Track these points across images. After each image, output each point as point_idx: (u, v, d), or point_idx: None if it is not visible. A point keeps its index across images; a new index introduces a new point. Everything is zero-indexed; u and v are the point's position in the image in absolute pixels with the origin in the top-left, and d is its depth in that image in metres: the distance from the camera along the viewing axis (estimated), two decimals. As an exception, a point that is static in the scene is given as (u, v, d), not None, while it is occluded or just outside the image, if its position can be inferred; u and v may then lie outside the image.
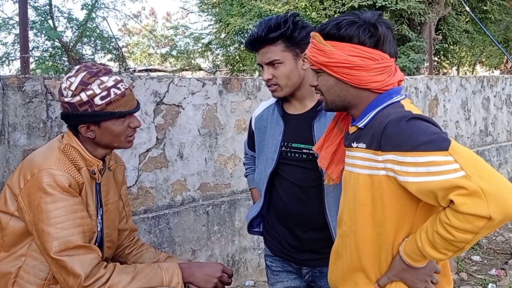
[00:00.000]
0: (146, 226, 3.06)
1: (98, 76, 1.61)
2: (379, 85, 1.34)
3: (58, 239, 1.49)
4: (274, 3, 8.40)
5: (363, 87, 1.34)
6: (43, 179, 1.52)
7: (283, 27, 1.67)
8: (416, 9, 7.46)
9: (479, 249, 4.56)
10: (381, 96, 1.36)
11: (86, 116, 1.60)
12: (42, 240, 1.50)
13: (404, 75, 5.98)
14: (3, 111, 2.54)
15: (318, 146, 1.54)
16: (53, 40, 6.22)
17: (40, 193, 1.51)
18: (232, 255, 3.52)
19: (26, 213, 1.54)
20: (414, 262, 1.30)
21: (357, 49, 1.31)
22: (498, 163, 6.08)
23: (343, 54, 1.31)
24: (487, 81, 6.06)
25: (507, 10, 9.84)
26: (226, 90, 3.52)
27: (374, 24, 1.33)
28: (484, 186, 1.13)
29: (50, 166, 1.55)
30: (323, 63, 1.35)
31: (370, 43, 1.32)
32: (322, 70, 1.37)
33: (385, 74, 1.34)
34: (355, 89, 1.36)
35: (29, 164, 1.58)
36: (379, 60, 1.32)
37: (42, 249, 1.51)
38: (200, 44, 11.15)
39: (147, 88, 3.11)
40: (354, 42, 1.32)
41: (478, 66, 16.50)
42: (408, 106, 1.33)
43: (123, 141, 1.68)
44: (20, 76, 2.63)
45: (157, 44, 16.54)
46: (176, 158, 3.27)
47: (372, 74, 1.32)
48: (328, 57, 1.33)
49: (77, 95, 1.59)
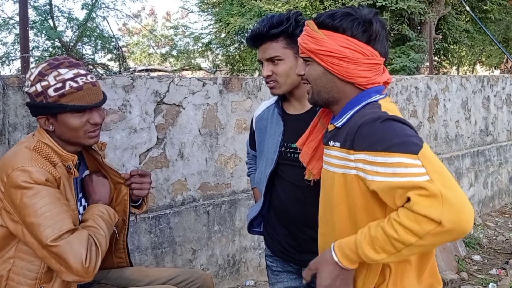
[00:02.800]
0: (146, 226, 3.06)
1: (56, 68, 1.59)
2: (365, 81, 1.34)
3: (50, 226, 1.46)
4: (274, 2, 8.39)
5: (349, 80, 1.34)
6: (18, 177, 1.49)
7: (285, 24, 1.67)
8: (416, 8, 7.45)
9: (480, 249, 4.56)
10: (360, 95, 1.35)
11: (41, 107, 1.58)
12: (34, 233, 1.48)
13: (404, 74, 5.94)
14: (4, 111, 2.54)
15: (301, 142, 1.54)
16: (53, 40, 6.21)
17: (20, 190, 1.49)
18: (233, 255, 3.52)
19: (13, 215, 1.51)
20: (341, 259, 1.24)
21: (349, 41, 1.31)
22: (498, 163, 6.08)
23: (334, 43, 1.31)
24: (487, 81, 6.06)
25: (507, 9, 9.83)
26: (226, 90, 3.52)
27: (369, 20, 1.33)
28: (445, 192, 1.12)
29: (23, 164, 1.52)
30: (313, 50, 1.34)
31: (362, 37, 1.32)
32: (312, 58, 1.36)
33: (373, 71, 1.34)
34: (341, 82, 1.35)
35: (2, 166, 1.55)
36: (369, 56, 1.32)
37: (37, 243, 1.49)
38: (200, 44, 11.14)
39: (147, 87, 3.11)
40: (347, 34, 1.32)
41: (478, 66, 16.50)
42: (385, 106, 1.32)
43: (83, 137, 1.64)
44: (21, 76, 2.62)
45: (157, 44, 16.53)
46: (177, 158, 3.27)
47: (360, 68, 1.32)
48: (319, 44, 1.33)
49: (33, 85, 1.58)
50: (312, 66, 1.38)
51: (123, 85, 3.01)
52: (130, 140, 3.06)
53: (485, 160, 5.84)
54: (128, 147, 3.04)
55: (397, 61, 7.22)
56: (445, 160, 5.17)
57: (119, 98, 3.00)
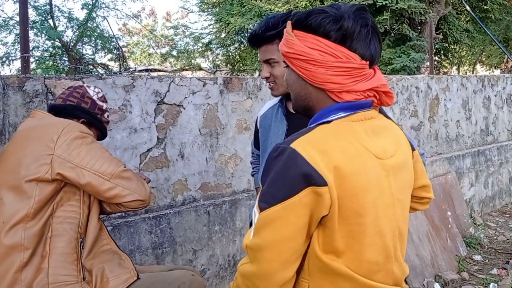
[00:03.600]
0: (147, 226, 3.06)
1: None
2: (337, 88, 1.15)
3: (112, 161, 1.77)
4: (274, 2, 8.39)
5: (319, 86, 1.18)
6: (74, 129, 1.76)
7: (280, 26, 1.67)
8: (417, 8, 7.45)
9: (481, 249, 4.56)
10: (322, 111, 1.20)
11: (95, 119, 1.97)
12: (100, 169, 1.73)
13: (404, 74, 5.94)
14: (4, 111, 2.54)
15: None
16: (54, 40, 6.21)
17: (79, 139, 1.74)
18: (233, 255, 3.51)
19: (70, 162, 1.71)
20: None
21: (318, 41, 1.15)
22: (499, 163, 6.08)
23: (302, 45, 1.16)
24: (488, 81, 6.06)
25: (507, 9, 9.83)
26: (227, 90, 3.52)
27: (341, 16, 1.15)
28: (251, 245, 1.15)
29: (69, 122, 1.79)
30: (284, 53, 1.22)
31: (334, 37, 1.14)
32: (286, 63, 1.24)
33: (349, 77, 1.15)
34: (313, 89, 1.20)
35: (47, 130, 1.76)
36: (342, 59, 1.14)
37: (101, 177, 1.72)
38: (200, 44, 11.14)
39: (148, 87, 3.10)
40: (317, 33, 1.15)
41: (478, 66, 16.50)
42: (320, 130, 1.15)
43: None
44: (21, 76, 2.62)
45: (157, 44, 16.53)
46: (177, 158, 3.27)
47: (331, 73, 1.14)
48: (289, 47, 1.19)
49: (101, 101, 2.01)
50: (289, 70, 1.25)
51: (123, 85, 3.01)
52: (131, 140, 3.06)
53: (485, 160, 5.84)
54: (129, 147, 3.04)
55: (398, 61, 7.22)
56: (445, 160, 5.17)
57: (120, 98, 3.00)
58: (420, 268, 3.80)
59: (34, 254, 1.69)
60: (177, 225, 3.20)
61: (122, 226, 2.95)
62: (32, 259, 1.69)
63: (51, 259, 1.71)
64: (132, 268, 1.82)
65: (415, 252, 3.85)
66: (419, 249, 3.91)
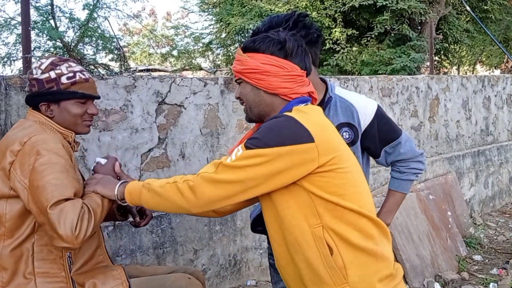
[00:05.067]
0: (148, 226, 3.07)
1: (67, 61, 1.80)
2: (288, 91, 1.50)
3: (51, 192, 1.53)
4: (274, 2, 8.40)
5: (273, 92, 1.51)
6: (37, 143, 1.60)
7: (283, 25, 1.70)
8: (417, 8, 7.45)
9: (480, 249, 4.57)
10: (286, 106, 1.51)
11: (50, 94, 1.74)
12: (37, 197, 1.54)
13: (404, 74, 5.97)
14: (6, 111, 2.55)
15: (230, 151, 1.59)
16: (55, 40, 6.20)
17: (34, 156, 1.58)
18: (234, 255, 3.52)
19: (19, 182, 1.58)
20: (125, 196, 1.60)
21: (268, 58, 1.50)
22: (499, 163, 6.09)
23: (256, 61, 1.50)
24: (488, 81, 6.06)
25: (507, 9, 9.83)
26: (227, 90, 3.53)
27: (284, 39, 1.52)
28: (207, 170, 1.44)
29: (39, 132, 1.65)
30: (239, 70, 1.54)
31: (280, 54, 1.50)
32: (241, 79, 1.55)
33: (294, 82, 1.51)
34: (267, 95, 1.53)
35: (14, 139, 1.65)
36: (288, 69, 1.50)
37: (37, 206, 1.54)
38: (201, 44, 11.14)
39: (149, 88, 3.11)
40: (266, 53, 1.51)
41: (478, 66, 16.50)
42: (295, 109, 1.47)
43: (80, 124, 1.81)
44: (23, 76, 2.63)
45: (157, 44, 16.53)
46: (178, 158, 3.28)
47: (281, 80, 1.49)
48: (244, 64, 1.53)
49: (45, 73, 1.75)
50: (243, 85, 1.57)
51: (124, 85, 3.02)
52: (132, 140, 3.07)
53: (485, 160, 5.85)
54: (130, 147, 3.05)
55: (398, 61, 7.22)
56: (445, 160, 5.18)
57: (121, 98, 3.01)
58: (420, 268, 3.81)
59: (15, 274, 1.62)
60: (178, 225, 3.21)
61: (124, 226, 2.96)
62: (14, 280, 1.62)
63: (38, 280, 1.63)
64: (124, 279, 1.74)
65: (415, 252, 3.86)
66: (419, 249, 3.92)
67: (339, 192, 1.41)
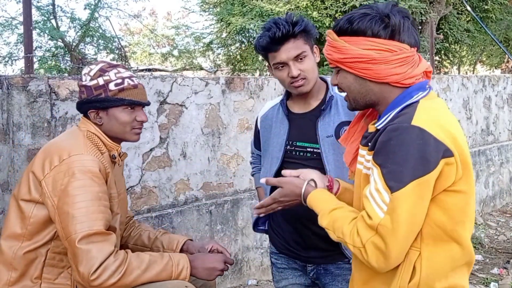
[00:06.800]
0: (149, 225, 3.07)
1: (116, 67, 1.76)
2: (400, 78, 1.27)
3: (82, 222, 1.52)
4: (275, 2, 8.39)
5: (382, 81, 1.28)
6: (75, 163, 1.58)
7: (301, 21, 1.70)
8: (418, 8, 7.46)
9: (481, 248, 4.57)
10: (401, 95, 1.29)
11: (98, 101, 1.70)
12: (65, 223, 1.54)
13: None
14: (8, 111, 2.55)
15: (343, 139, 1.50)
16: (56, 40, 6.22)
17: (69, 178, 1.56)
18: (235, 254, 3.53)
19: (49, 198, 1.58)
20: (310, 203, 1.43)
21: (371, 42, 1.26)
22: (499, 162, 6.09)
23: (357, 48, 1.26)
24: (489, 81, 6.07)
25: (508, 9, 9.84)
26: (229, 90, 3.53)
27: (387, 15, 1.27)
28: (384, 223, 1.17)
29: (80, 151, 1.62)
30: (338, 60, 1.31)
31: (385, 34, 1.26)
32: (340, 67, 1.33)
33: (407, 65, 1.27)
34: (375, 85, 1.30)
35: (57, 150, 1.64)
36: (397, 51, 1.25)
37: (64, 233, 1.54)
38: (201, 43, 11.14)
39: (150, 87, 3.12)
40: (368, 35, 1.26)
41: (478, 65, 16.50)
42: (422, 110, 1.24)
43: (129, 132, 1.76)
44: (25, 76, 2.64)
45: (157, 43, 16.54)
46: (179, 157, 3.28)
47: (391, 66, 1.26)
48: (342, 53, 1.29)
49: (94, 79, 1.72)
50: (342, 74, 1.34)
51: (126, 85, 3.03)
52: (133, 140, 3.07)
53: (486, 159, 5.85)
54: (131, 147, 3.05)
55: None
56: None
57: (122, 98, 3.01)
58: (421, 267, 3.80)
59: (23, 276, 1.62)
60: (179, 224, 3.22)
61: (125, 225, 2.97)
62: (21, 281, 1.62)
63: (43, 286, 1.63)
64: None
65: (416, 252, 3.86)
66: (420, 249, 3.91)
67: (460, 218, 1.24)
